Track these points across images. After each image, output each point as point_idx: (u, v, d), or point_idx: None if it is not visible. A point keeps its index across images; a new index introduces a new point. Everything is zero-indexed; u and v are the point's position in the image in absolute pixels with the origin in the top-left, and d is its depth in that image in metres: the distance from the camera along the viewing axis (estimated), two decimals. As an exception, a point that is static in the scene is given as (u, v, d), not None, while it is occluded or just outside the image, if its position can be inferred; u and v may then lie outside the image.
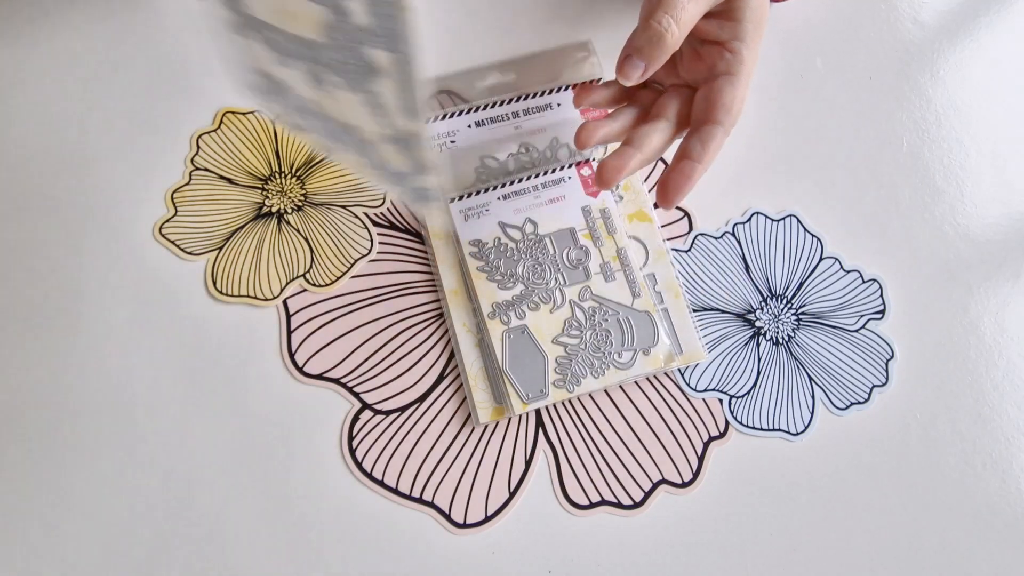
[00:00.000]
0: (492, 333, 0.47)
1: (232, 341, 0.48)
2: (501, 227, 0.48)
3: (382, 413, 0.47)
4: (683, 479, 0.47)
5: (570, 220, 0.49)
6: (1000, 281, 0.51)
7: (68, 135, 0.51)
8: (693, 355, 0.48)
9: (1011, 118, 0.54)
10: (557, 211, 0.49)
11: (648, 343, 0.47)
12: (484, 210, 0.49)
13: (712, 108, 0.41)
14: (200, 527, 0.45)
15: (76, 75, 0.52)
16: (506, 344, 0.47)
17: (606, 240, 0.49)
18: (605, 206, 0.49)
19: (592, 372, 0.46)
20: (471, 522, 0.46)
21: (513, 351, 0.47)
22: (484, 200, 0.49)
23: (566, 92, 0.52)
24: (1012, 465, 0.48)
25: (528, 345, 0.47)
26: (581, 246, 0.48)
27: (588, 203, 0.49)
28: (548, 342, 0.47)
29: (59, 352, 0.47)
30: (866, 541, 0.46)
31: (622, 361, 0.47)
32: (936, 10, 0.57)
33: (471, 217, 0.49)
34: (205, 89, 0.52)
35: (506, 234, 0.48)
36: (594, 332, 0.47)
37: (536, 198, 0.49)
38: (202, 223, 0.50)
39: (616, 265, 0.48)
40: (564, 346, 0.47)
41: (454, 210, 0.49)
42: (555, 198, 0.49)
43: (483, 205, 0.49)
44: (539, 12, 0.55)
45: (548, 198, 0.49)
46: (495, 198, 0.49)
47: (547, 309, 0.47)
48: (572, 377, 0.46)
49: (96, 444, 0.46)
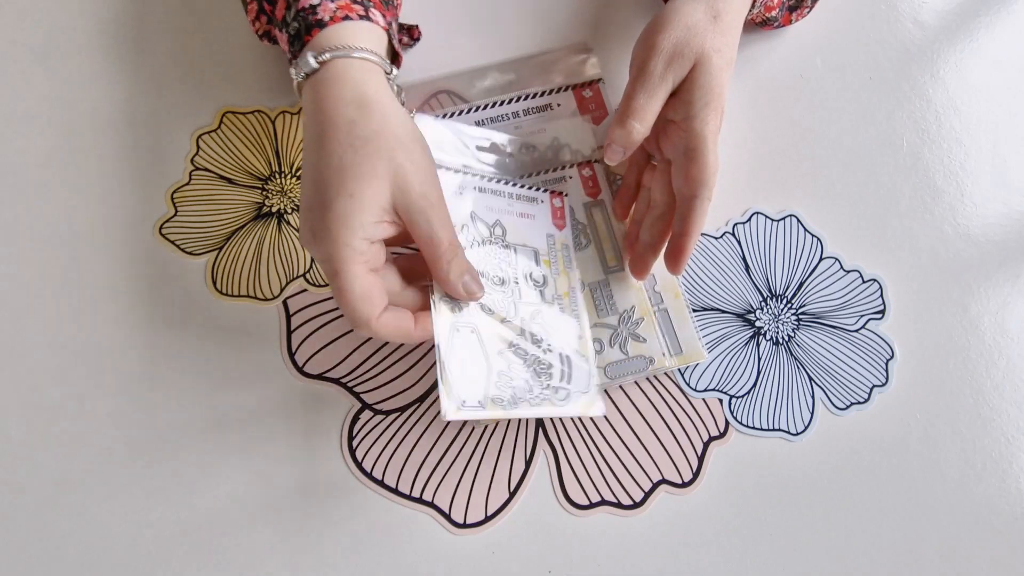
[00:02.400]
0: (439, 316, 0.42)
1: (232, 341, 0.48)
2: (472, 216, 0.46)
3: (382, 413, 0.47)
4: (683, 479, 0.47)
5: (535, 241, 0.48)
6: (1000, 281, 0.51)
7: (68, 134, 0.51)
8: (693, 355, 0.48)
9: (1011, 118, 0.54)
10: (526, 227, 0.48)
11: (582, 388, 0.45)
12: (459, 191, 0.47)
13: (686, 183, 0.44)
14: (200, 526, 0.45)
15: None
16: (453, 338, 0.42)
17: (562, 274, 0.48)
18: (567, 242, 0.49)
19: (530, 399, 0.43)
20: (471, 522, 0.46)
21: (458, 348, 0.42)
22: (464, 181, 0.47)
23: (566, 92, 0.52)
24: (1012, 465, 0.48)
25: (475, 348, 0.43)
26: (542, 274, 0.47)
27: (553, 232, 0.49)
28: (494, 353, 0.43)
29: (59, 352, 0.47)
30: (866, 541, 0.46)
31: (559, 397, 0.44)
32: (936, 10, 0.57)
33: (448, 191, 0.46)
34: (205, 88, 0.52)
35: (475, 225, 0.46)
36: (538, 360, 0.44)
37: (509, 206, 0.48)
38: (202, 223, 0.50)
39: (566, 302, 0.47)
40: (508, 363, 0.43)
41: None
42: (525, 214, 0.48)
43: (461, 186, 0.47)
44: (539, 12, 0.55)
45: (519, 212, 0.48)
46: (472, 187, 0.47)
47: (498, 319, 0.44)
48: (511, 398, 0.42)
49: (93, 442, 0.46)
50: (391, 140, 0.39)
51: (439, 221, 0.39)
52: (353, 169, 0.38)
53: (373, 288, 0.38)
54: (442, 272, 0.40)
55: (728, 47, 0.44)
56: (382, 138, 0.39)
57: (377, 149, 0.38)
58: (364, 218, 0.38)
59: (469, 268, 0.41)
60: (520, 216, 0.48)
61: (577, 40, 0.54)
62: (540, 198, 0.49)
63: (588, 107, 0.52)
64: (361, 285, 0.38)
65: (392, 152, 0.39)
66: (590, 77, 0.53)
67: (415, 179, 0.39)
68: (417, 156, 0.40)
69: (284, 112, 0.52)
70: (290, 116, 0.52)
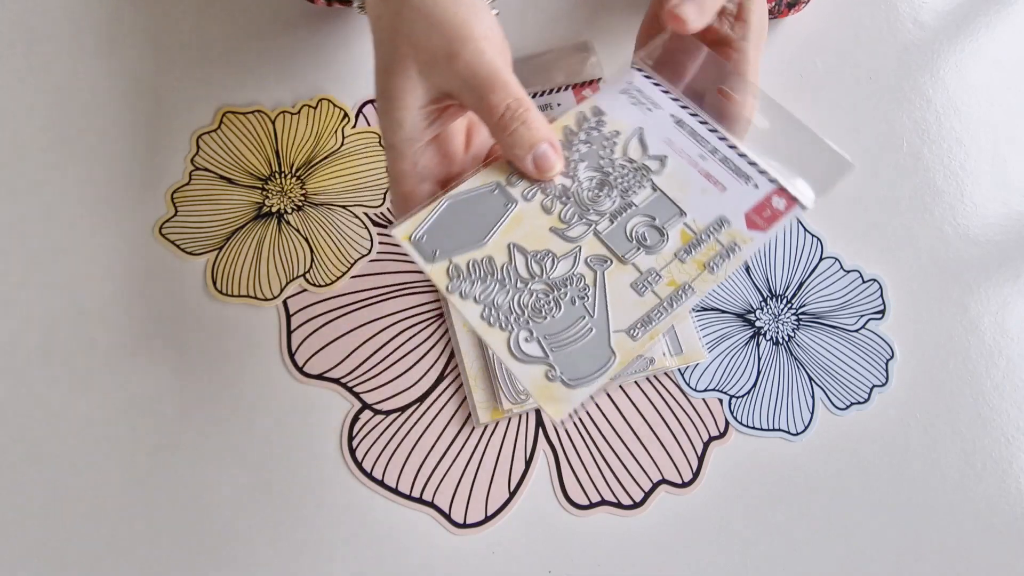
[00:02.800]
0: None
1: (232, 341, 0.48)
2: (638, 133, 0.38)
3: (382, 413, 0.47)
4: (683, 479, 0.47)
5: (694, 207, 0.38)
6: (1000, 281, 0.51)
7: (68, 134, 0.51)
8: (693, 355, 0.48)
9: (1011, 118, 0.54)
10: (698, 189, 0.38)
11: (573, 373, 0.35)
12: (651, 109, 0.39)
13: (730, 119, 0.40)
14: (200, 526, 0.45)
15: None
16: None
17: (691, 264, 0.36)
18: (738, 246, 0.37)
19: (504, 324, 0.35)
20: (471, 522, 0.46)
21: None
22: (673, 111, 0.39)
23: (566, 92, 0.52)
24: (1012, 465, 0.48)
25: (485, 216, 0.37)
26: (661, 235, 0.37)
27: (732, 219, 0.37)
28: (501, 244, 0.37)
29: (58, 351, 0.47)
30: (866, 541, 0.46)
31: (524, 350, 0.37)
32: (936, 10, 0.57)
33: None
34: (205, 88, 0.52)
35: (633, 140, 0.38)
36: (547, 297, 0.37)
37: (702, 159, 0.38)
38: (202, 223, 0.50)
39: (656, 292, 0.36)
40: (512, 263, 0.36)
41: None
42: (713, 178, 0.38)
43: (673, 114, 0.39)
44: (539, 12, 0.55)
45: (707, 171, 0.38)
46: (672, 119, 0.39)
47: (550, 219, 0.37)
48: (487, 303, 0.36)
49: (94, 442, 0.46)
50: (410, 15, 0.35)
51: (483, 83, 0.34)
52: (383, 65, 0.36)
53: (411, 198, 0.37)
54: (506, 146, 0.35)
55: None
56: (401, 17, 0.35)
57: (396, 33, 0.35)
58: (398, 114, 0.35)
59: (545, 136, 0.35)
60: (703, 175, 0.38)
61: (577, 40, 0.54)
62: (757, 181, 0.37)
63: (588, 107, 0.52)
64: (403, 188, 0.36)
65: (412, 28, 0.35)
66: (590, 77, 0.53)
67: (441, 44, 0.34)
68: (441, 15, 0.35)
69: (284, 112, 0.52)
70: (289, 116, 0.52)
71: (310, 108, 0.52)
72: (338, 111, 0.52)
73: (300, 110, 0.52)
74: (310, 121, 0.52)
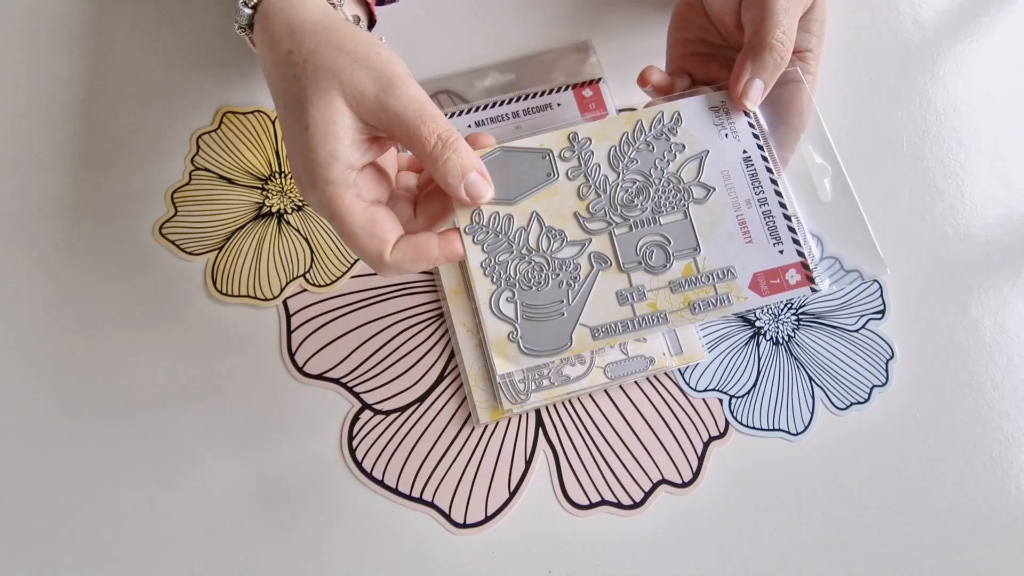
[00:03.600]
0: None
1: (232, 341, 0.48)
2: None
3: (382, 413, 0.47)
4: (683, 479, 0.47)
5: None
6: (1000, 281, 0.51)
7: (68, 134, 0.51)
8: (693, 355, 0.48)
9: (1011, 118, 0.54)
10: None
11: (545, 343, 0.38)
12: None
13: (787, 112, 0.41)
14: (200, 526, 0.45)
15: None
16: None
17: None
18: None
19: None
20: (471, 522, 0.46)
21: None
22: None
23: (566, 92, 0.52)
24: (1012, 465, 0.48)
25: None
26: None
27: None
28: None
29: (58, 351, 0.47)
30: (866, 541, 0.46)
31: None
32: (936, 10, 0.57)
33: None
34: (205, 88, 0.52)
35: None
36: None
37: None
38: (202, 223, 0.50)
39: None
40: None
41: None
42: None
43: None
44: (539, 12, 0.55)
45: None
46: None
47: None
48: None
49: (94, 443, 0.46)
50: (330, 52, 0.35)
51: (415, 117, 0.34)
52: (299, 98, 0.35)
53: (376, 219, 0.35)
54: (439, 175, 0.35)
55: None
56: (319, 55, 0.35)
57: (316, 68, 0.35)
58: (329, 146, 0.34)
59: (474, 164, 0.36)
60: (739, 221, 0.38)
61: (577, 40, 0.54)
62: (785, 247, 0.38)
63: (588, 107, 0.52)
64: (359, 219, 0.35)
65: (333, 64, 0.35)
66: (590, 77, 0.53)
67: (368, 81, 0.35)
68: (364, 55, 0.35)
69: (284, 112, 0.52)
70: (290, 116, 0.52)
71: (310, 108, 0.52)
72: (338, 111, 0.52)
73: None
74: (310, 121, 0.52)
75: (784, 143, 0.41)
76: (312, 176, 0.35)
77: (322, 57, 0.35)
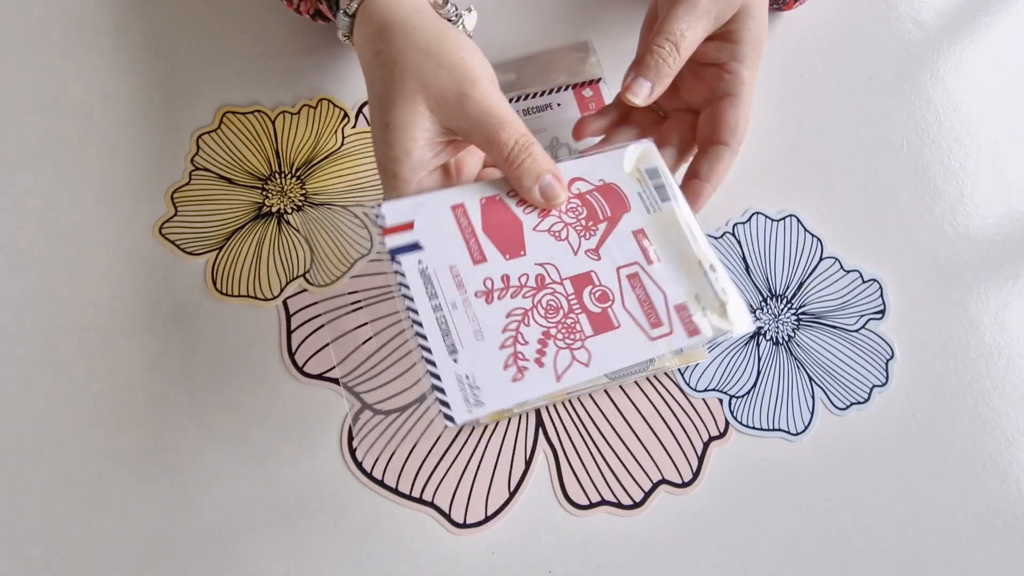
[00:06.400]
0: None
1: (232, 341, 0.48)
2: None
3: (382, 413, 0.47)
4: (683, 479, 0.47)
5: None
6: (1000, 281, 0.51)
7: (68, 134, 0.51)
8: (693, 355, 0.48)
9: (1011, 118, 0.54)
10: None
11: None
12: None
13: (718, 129, 0.42)
14: (200, 526, 0.45)
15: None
16: None
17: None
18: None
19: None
20: (471, 522, 0.46)
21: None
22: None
23: (566, 92, 0.52)
24: (1012, 465, 0.48)
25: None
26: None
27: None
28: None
29: (58, 351, 0.47)
30: (866, 541, 0.46)
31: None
32: (936, 10, 0.57)
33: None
34: (205, 88, 0.52)
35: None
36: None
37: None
38: (202, 223, 0.50)
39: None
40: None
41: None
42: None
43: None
44: (539, 12, 0.55)
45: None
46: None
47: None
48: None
49: (94, 443, 0.46)
50: (417, 55, 0.36)
51: (493, 122, 0.36)
52: (384, 98, 0.37)
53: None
54: (514, 179, 0.37)
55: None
56: (406, 56, 0.36)
57: (402, 70, 0.36)
58: (406, 144, 0.36)
59: (549, 168, 0.37)
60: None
61: (577, 40, 0.54)
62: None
63: (588, 106, 0.52)
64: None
65: (419, 67, 0.36)
66: (590, 77, 0.53)
67: (452, 86, 0.36)
68: (450, 60, 0.36)
69: (284, 112, 0.52)
70: (289, 115, 0.52)
71: (310, 108, 0.52)
72: (338, 111, 0.52)
73: (300, 110, 0.52)
74: (310, 121, 0.52)
75: (715, 161, 0.42)
76: (385, 169, 0.37)
77: (409, 59, 0.37)
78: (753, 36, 0.41)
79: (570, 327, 0.35)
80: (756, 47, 0.42)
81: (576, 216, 0.38)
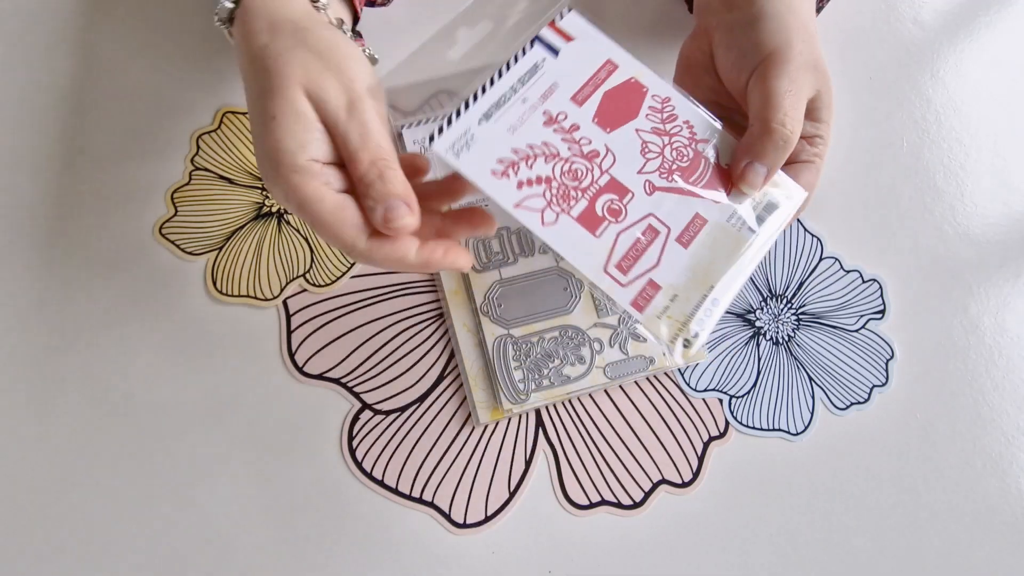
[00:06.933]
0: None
1: (232, 341, 0.48)
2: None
3: (382, 413, 0.47)
4: (683, 479, 0.47)
5: None
6: (1000, 281, 0.51)
7: (68, 134, 0.51)
8: (693, 355, 0.48)
9: (1011, 118, 0.54)
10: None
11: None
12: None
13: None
14: (200, 526, 0.45)
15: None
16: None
17: None
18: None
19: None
20: (471, 522, 0.46)
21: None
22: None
23: None
24: (1012, 465, 0.48)
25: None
26: None
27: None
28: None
29: (57, 351, 0.47)
30: (866, 541, 0.46)
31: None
32: (936, 10, 0.57)
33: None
34: (205, 88, 0.52)
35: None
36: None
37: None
38: (202, 223, 0.50)
39: None
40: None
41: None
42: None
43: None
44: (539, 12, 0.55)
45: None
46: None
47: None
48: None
49: (94, 444, 0.46)
50: (305, 55, 0.36)
51: (360, 135, 0.35)
52: (267, 87, 0.35)
53: (345, 206, 0.35)
54: (362, 196, 0.35)
55: None
56: (294, 53, 0.35)
57: (288, 63, 0.35)
58: (298, 136, 0.34)
59: (398, 193, 0.35)
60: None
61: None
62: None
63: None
64: (330, 205, 0.34)
65: (307, 66, 0.35)
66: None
67: (333, 94, 0.35)
68: (338, 67, 0.36)
69: (284, 112, 0.52)
70: (290, 116, 0.52)
71: (310, 108, 0.52)
72: (338, 111, 0.52)
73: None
74: (310, 121, 0.52)
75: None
76: (277, 165, 0.34)
77: (297, 56, 0.36)
78: (832, 115, 0.40)
79: (566, 195, 0.36)
80: (831, 124, 0.41)
81: (678, 158, 0.37)
